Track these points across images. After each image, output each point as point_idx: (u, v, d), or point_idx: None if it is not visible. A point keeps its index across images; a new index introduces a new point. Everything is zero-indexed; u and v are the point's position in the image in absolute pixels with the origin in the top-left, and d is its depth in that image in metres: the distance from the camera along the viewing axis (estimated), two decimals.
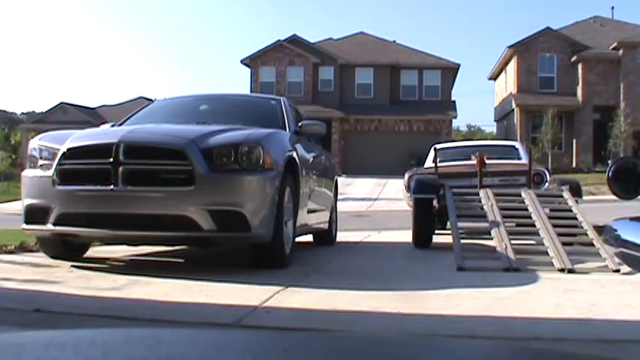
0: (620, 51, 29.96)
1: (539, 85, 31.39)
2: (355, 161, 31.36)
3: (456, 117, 33.64)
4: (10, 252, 6.03)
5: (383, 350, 0.79)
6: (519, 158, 9.22)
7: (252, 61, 33.54)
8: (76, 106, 39.45)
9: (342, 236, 8.29)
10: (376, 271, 5.36)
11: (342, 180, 13.61)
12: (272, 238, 4.84)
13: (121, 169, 4.54)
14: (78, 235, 4.91)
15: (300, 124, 6.26)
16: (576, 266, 5.38)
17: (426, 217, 7.24)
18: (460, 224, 6.62)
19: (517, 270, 5.25)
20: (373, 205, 18.71)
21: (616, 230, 3.24)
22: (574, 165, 29.35)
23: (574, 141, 30.60)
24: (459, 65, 33.92)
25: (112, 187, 4.54)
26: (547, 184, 8.07)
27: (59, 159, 4.71)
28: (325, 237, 7.53)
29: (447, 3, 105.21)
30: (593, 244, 5.93)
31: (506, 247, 5.73)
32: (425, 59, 34.22)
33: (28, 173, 5.01)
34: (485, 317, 3.77)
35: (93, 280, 4.45)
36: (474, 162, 8.04)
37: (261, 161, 4.73)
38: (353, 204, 17.63)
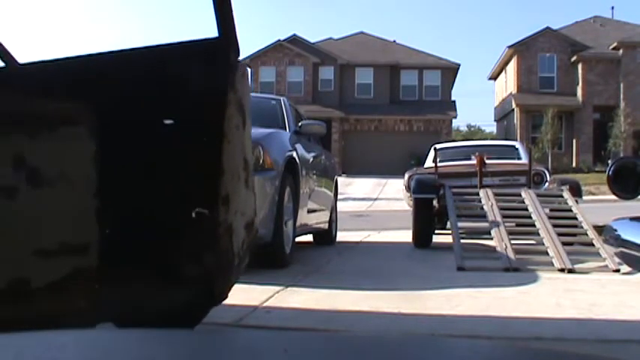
0: (620, 51, 29.95)
1: (539, 85, 31.38)
2: (355, 161, 31.36)
3: (455, 117, 33.65)
4: None
5: (383, 350, 0.79)
6: (519, 158, 9.22)
7: (252, 61, 33.54)
8: None
9: (342, 236, 8.29)
10: (376, 271, 5.36)
11: (342, 180, 13.62)
12: (272, 238, 4.85)
13: None
14: None
15: (300, 124, 6.26)
16: (576, 266, 5.38)
17: (426, 217, 7.25)
18: (460, 224, 6.62)
19: (517, 270, 5.26)
20: (373, 205, 18.71)
21: (616, 230, 3.24)
22: (574, 165, 29.35)
23: (574, 141, 30.60)
24: (459, 65, 33.93)
25: None
26: (547, 183, 8.07)
27: None
28: (325, 237, 7.53)
29: (447, 3, 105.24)
30: (593, 244, 5.93)
31: (506, 247, 5.73)
32: (425, 59, 34.21)
33: None
34: (486, 317, 3.77)
35: None
36: (474, 162, 8.04)
37: (261, 161, 4.74)
38: (353, 204, 17.63)
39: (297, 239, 5.74)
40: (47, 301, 1.95)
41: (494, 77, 38.38)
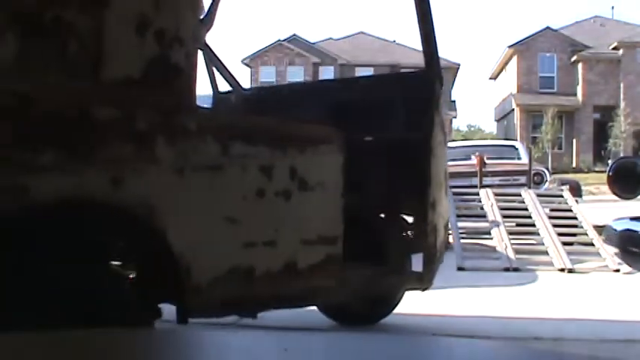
0: (620, 51, 29.94)
1: (539, 84, 31.36)
2: None
3: (455, 117, 33.63)
4: None
5: (383, 350, 0.79)
6: (519, 158, 9.23)
7: (252, 61, 33.54)
8: None
9: None
10: None
11: None
12: None
13: None
14: None
15: None
16: (576, 266, 5.38)
17: None
18: (460, 224, 6.62)
19: (517, 270, 5.26)
20: None
21: (616, 230, 3.24)
22: (574, 165, 29.33)
23: (574, 141, 30.59)
24: (459, 65, 33.93)
25: None
26: (547, 183, 8.08)
27: None
28: None
29: (447, 3, 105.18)
30: (593, 244, 5.93)
31: (506, 246, 5.73)
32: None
33: None
34: (486, 317, 3.78)
35: None
36: (474, 162, 8.04)
37: None
38: None
39: None
40: (307, 280, 2.44)
41: (494, 77, 38.37)
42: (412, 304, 3.93)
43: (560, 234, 5.99)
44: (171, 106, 2.05)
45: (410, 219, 3.28)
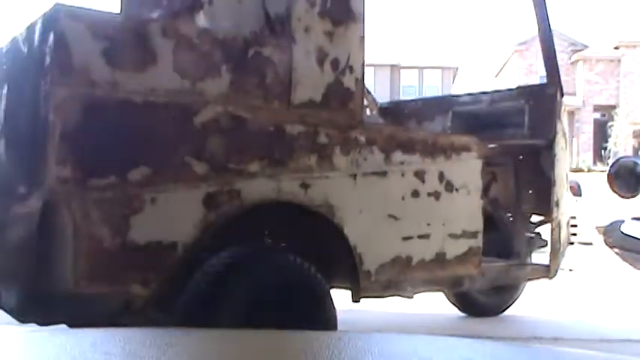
0: (620, 50, 29.94)
1: None
2: None
3: None
4: None
5: (383, 350, 0.79)
6: None
7: None
8: None
9: None
10: None
11: None
12: None
13: None
14: None
15: None
16: (576, 266, 5.38)
17: None
18: None
19: None
20: None
21: (616, 230, 3.24)
22: (574, 164, 29.34)
23: (574, 140, 30.59)
24: (459, 65, 33.93)
25: None
26: None
27: None
28: None
29: (447, 3, 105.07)
30: (593, 244, 5.94)
31: None
32: (425, 59, 34.21)
33: None
34: (486, 317, 3.78)
35: None
36: None
37: None
38: None
39: None
40: (454, 268, 2.84)
41: (494, 77, 38.36)
42: (412, 303, 3.93)
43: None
44: (345, 123, 2.47)
45: (535, 217, 3.63)
